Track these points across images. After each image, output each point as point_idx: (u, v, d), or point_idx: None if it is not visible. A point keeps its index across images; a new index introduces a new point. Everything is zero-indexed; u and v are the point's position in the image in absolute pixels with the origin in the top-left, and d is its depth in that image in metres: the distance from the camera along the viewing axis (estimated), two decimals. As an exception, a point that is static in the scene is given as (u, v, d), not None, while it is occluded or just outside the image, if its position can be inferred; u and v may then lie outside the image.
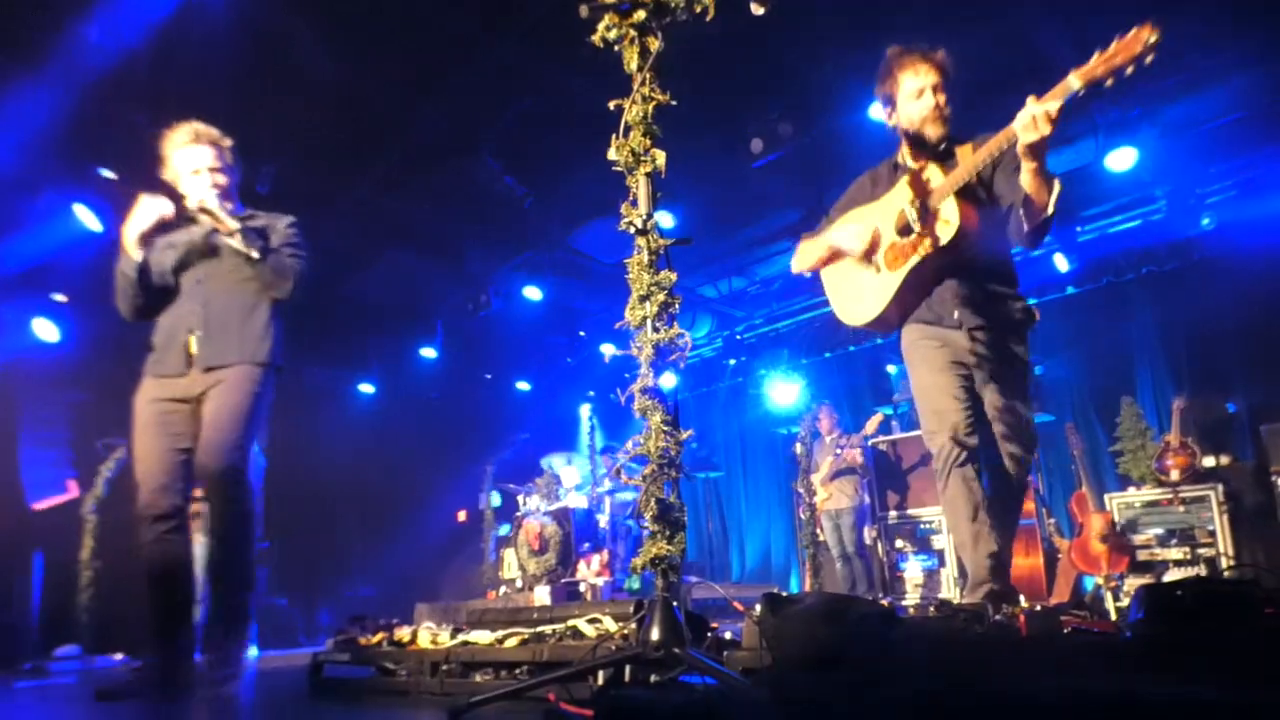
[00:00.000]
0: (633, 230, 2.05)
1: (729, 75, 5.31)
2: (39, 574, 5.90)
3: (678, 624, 1.79)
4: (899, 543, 6.45)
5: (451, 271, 8.13)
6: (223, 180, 3.02)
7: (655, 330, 1.98)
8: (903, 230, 2.64)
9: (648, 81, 2.11)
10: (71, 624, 5.53)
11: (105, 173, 5.69)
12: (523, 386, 10.49)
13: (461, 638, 2.62)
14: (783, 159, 6.07)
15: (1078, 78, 2.14)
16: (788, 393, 8.49)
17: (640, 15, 2.10)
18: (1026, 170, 2.31)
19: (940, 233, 2.51)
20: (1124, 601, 4.77)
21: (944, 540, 6.23)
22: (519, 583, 7.19)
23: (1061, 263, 6.96)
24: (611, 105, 2.12)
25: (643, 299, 2.00)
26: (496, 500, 8.48)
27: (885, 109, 2.78)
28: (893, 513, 6.58)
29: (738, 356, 9.71)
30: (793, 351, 9.16)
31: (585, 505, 7.33)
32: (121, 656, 5.10)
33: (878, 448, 6.75)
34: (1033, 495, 5.48)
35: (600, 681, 1.91)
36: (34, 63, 4.73)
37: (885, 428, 6.96)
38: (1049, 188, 2.36)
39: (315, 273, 3.20)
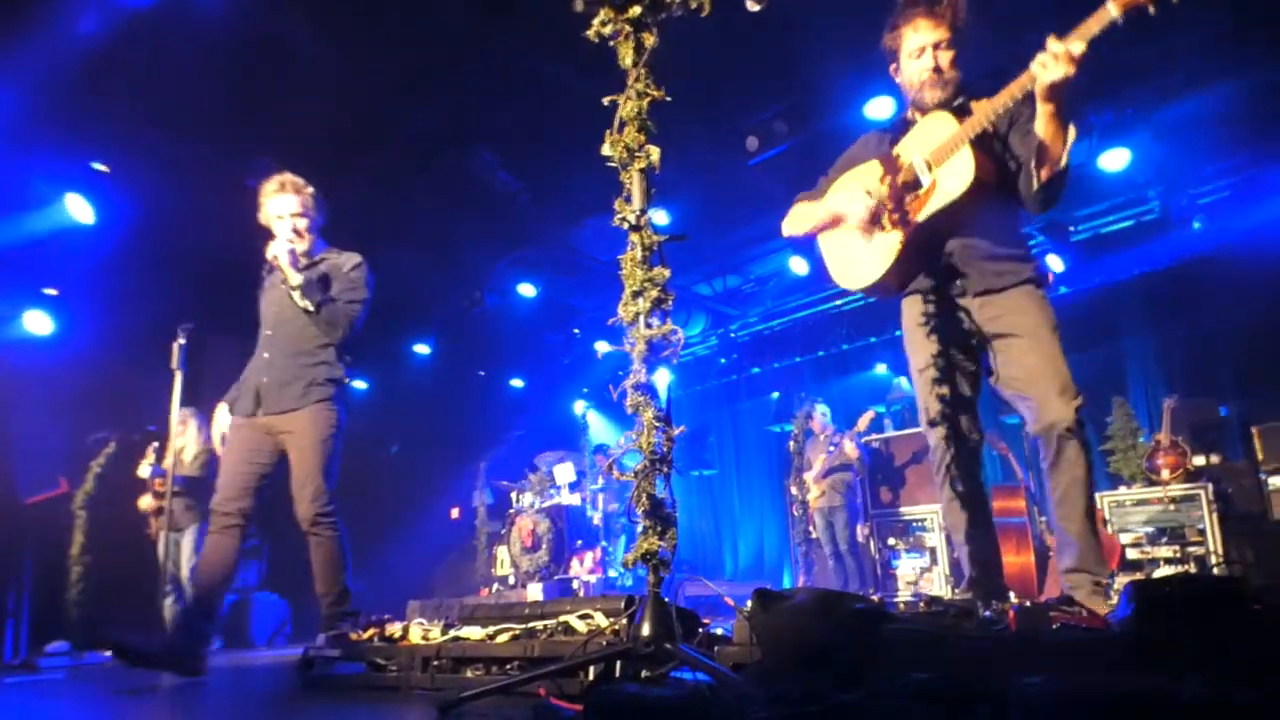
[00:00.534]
0: (626, 226, 2.05)
1: (724, 72, 5.31)
2: (29, 570, 5.87)
3: (669, 619, 1.79)
4: (891, 540, 6.47)
5: (446, 268, 8.11)
6: (302, 225, 3.44)
7: (648, 326, 1.98)
8: (909, 185, 2.49)
9: (642, 77, 2.10)
10: (61, 620, 5.51)
11: (97, 165, 5.66)
12: (516, 384, 10.49)
13: (453, 633, 2.61)
14: (778, 157, 6.06)
15: (1116, 5, 1.95)
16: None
17: (635, 10, 2.09)
18: (1042, 114, 2.16)
19: (954, 185, 2.34)
20: (1113, 599, 4.79)
21: (936, 538, 6.25)
22: (512, 579, 7.19)
23: (1055, 263, 6.98)
24: (606, 101, 2.12)
25: (636, 295, 2.00)
26: (489, 497, 8.47)
27: (890, 64, 2.62)
28: (885, 510, 6.60)
29: (731, 355, 9.72)
30: (786, 349, 9.18)
31: (578, 503, 7.33)
32: (110, 652, 5.08)
33: (870, 445, 6.77)
34: (1024, 493, 5.51)
35: (591, 677, 1.91)
36: (24, 52, 4.70)
37: (878, 425, 6.97)
38: (1064, 136, 2.20)
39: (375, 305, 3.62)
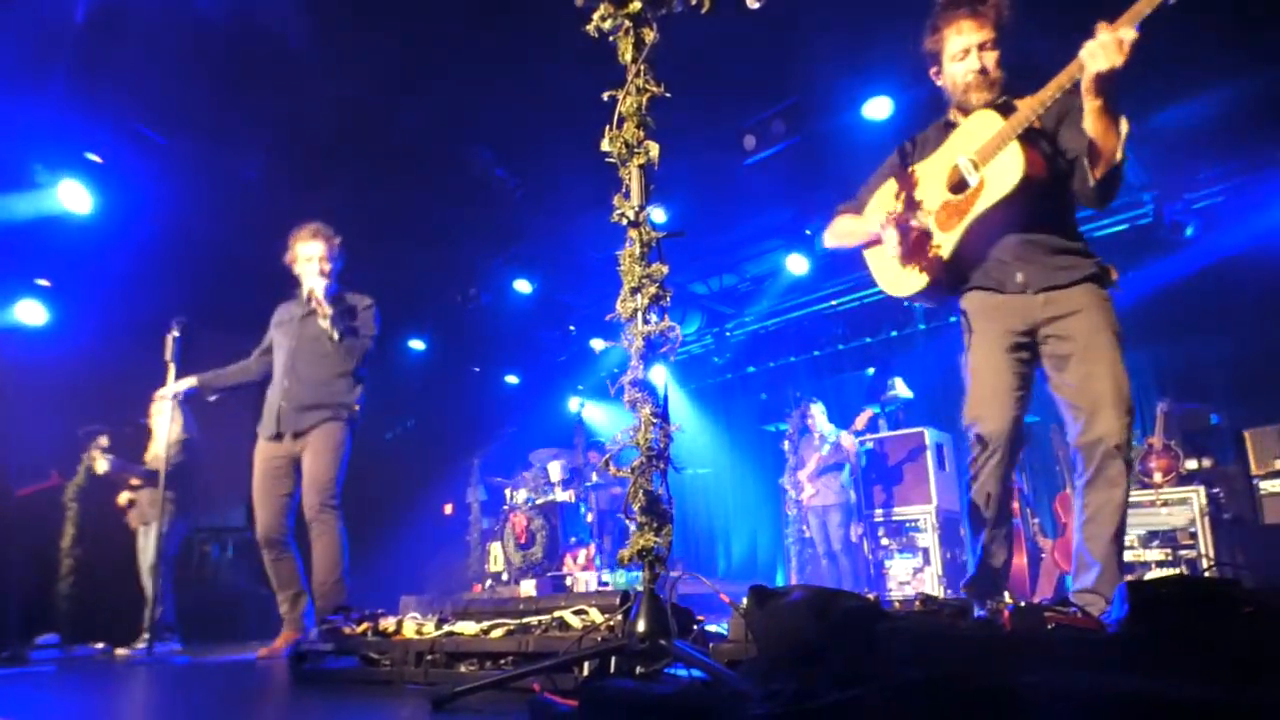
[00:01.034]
0: (625, 222, 2.05)
1: (722, 70, 5.31)
2: (19, 562, 5.84)
3: (664, 616, 1.80)
4: (884, 540, 6.48)
5: (441, 263, 8.09)
6: (327, 268, 4.00)
7: (646, 322, 1.98)
8: (956, 186, 2.45)
9: (642, 73, 2.10)
10: (51, 612, 5.48)
11: (91, 155, 5.63)
12: (511, 380, 10.47)
13: (447, 628, 2.61)
14: (775, 156, 6.07)
15: None
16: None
17: (636, 6, 2.09)
18: (1091, 110, 2.10)
19: (1003, 182, 2.30)
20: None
21: (929, 538, 6.27)
22: (505, 576, 7.19)
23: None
24: (605, 96, 2.12)
25: (634, 291, 2.00)
26: (483, 493, 8.46)
27: (931, 67, 2.57)
28: (878, 510, 6.61)
29: (726, 353, 9.72)
30: (782, 349, 9.19)
31: (572, 499, 7.33)
32: (101, 645, 5.07)
33: (865, 445, 6.78)
34: (1017, 495, 5.53)
35: (586, 672, 1.91)
36: (16, 43, 4.68)
37: (873, 425, 6.99)
38: (1117, 129, 2.13)
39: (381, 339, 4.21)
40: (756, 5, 2.32)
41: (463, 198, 6.80)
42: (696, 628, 2.11)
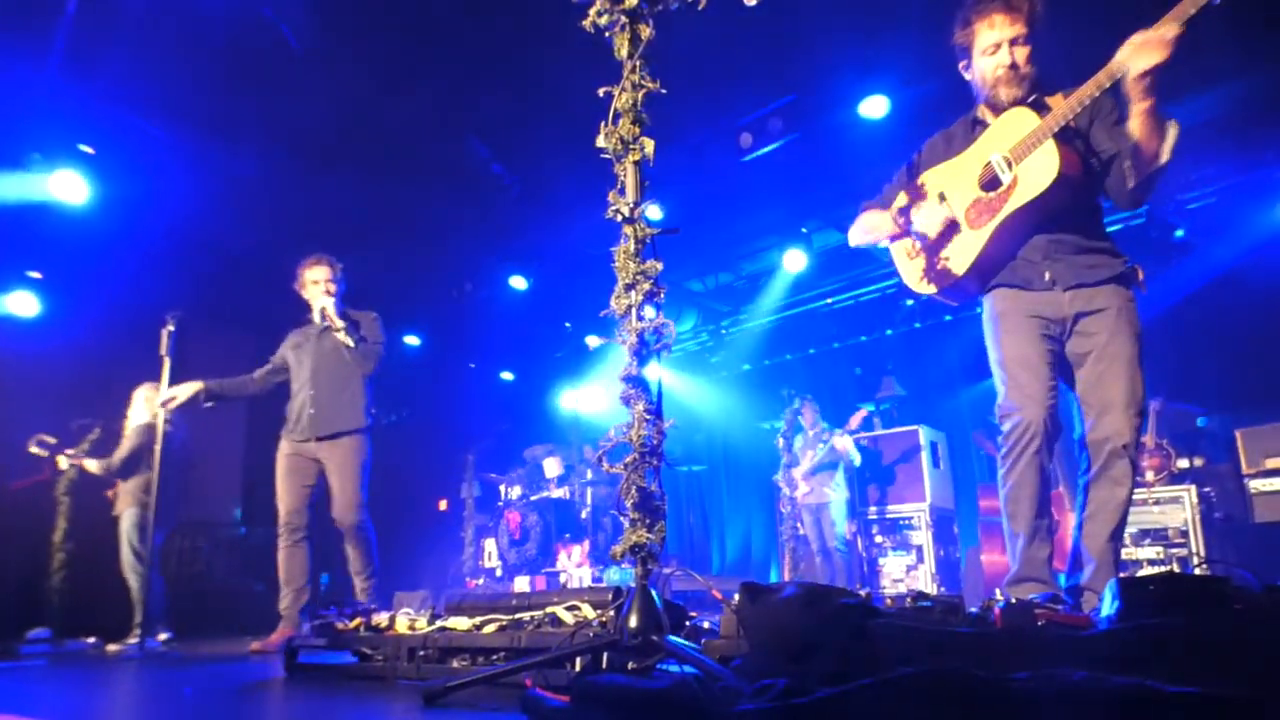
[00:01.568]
0: (620, 219, 2.04)
1: (719, 68, 5.30)
2: (10, 556, 5.82)
3: (656, 612, 1.80)
4: (878, 538, 6.50)
5: (437, 259, 8.08)
6: (333, 288, 4.37)
7: (640, 319, 1.98)
8: (988, 184, 2.43)
9: (638, 69, 2.10)
10: (42, 606, 5.46)
11: (83, 147, 5.60)
12: (506, 376, 10.46)
13: (439, 624, 2.61)
14: (772, 154, 6.07)
15: None
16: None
17: (632, 1, 2.09)
18: (1137, 111, 2.08)
19: (1037, 180, 2.27)
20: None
21: (923, 536, 6.29)
22: (499, 572, 7.19)
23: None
24: (601, 92, 2.12)
25: (628, 287, 2.00)
26: (478, 489, 8.46)
27: (961, 60, 2.54)
28: (872, 508, 6.63)
29: (722, 351, 9.73)
30: (778, 347, 9.19)
31: (567, 496, 7.33)
32: (92, 640, 5.05)
33: (860, 443, 6.80)
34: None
35: (578, 668, 1.91)
36: (10, 34, 4.66)
37: (868, 424, 7.00)
38: (1161, 132, 2.11)
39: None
40: (753, 2, 2.30)
41: (459, 193, 6.79)
42: (689, 624, 2.12)
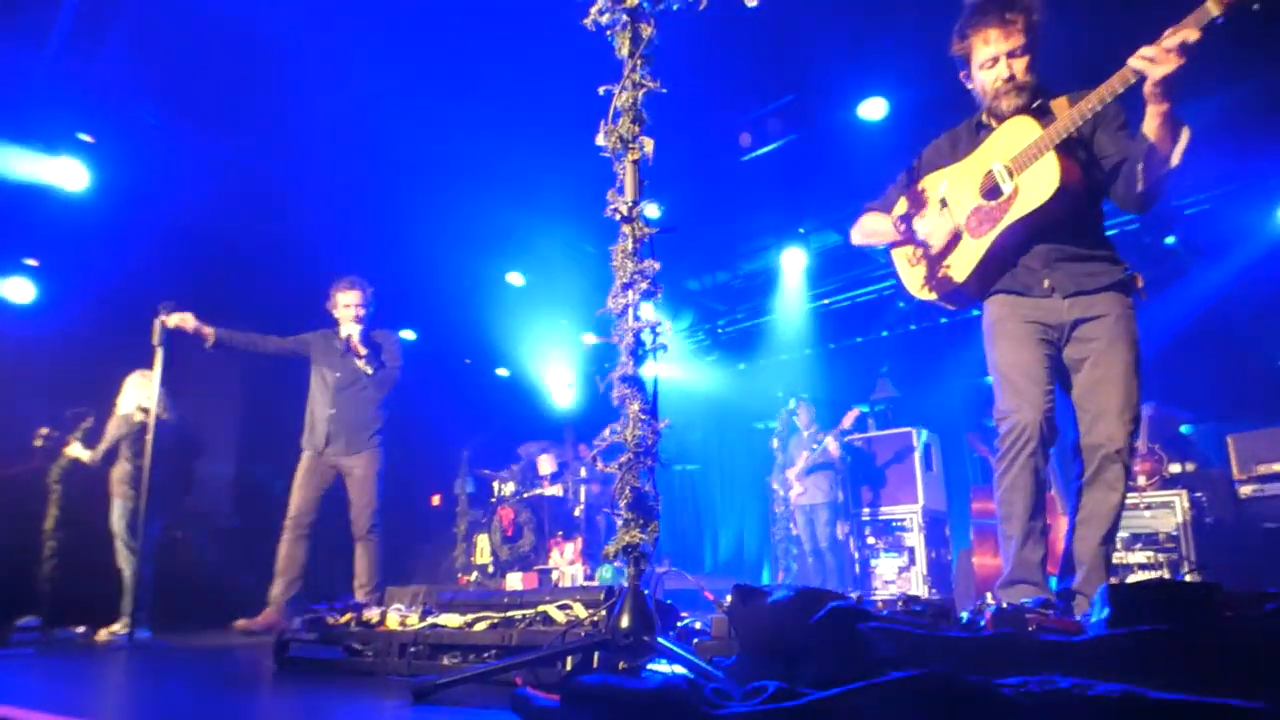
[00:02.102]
0: (618, 217, 2.04)
1: (719, 68, 5.30)
2: (1, 543, 5.80)
3: (648, 612, 1.80)
4: (870, 539, 6.51)
5: (433, 254, 8.05)
6: (362, 313, 4.69)
7: (637, 319, 1.98)
8: (989, 193, 2.43)
9: (638, 68, 2.10)
10: (32, 595, 5.44)
11: (83, 136, 5.58)
12: (502, 373, 10.45)
13: (430, 620, 2.61)
14: (770, 153, 6.07)
15: (1216, 4, 1.91)
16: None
17: (633, 1, 2.09)
18: (1154, 113, 2.08)
19: (1038, 192, 2.28)
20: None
21: (915, 538, 6.30)
22: (491, 568, 7.18)
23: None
24: (601, 90, 2.12)
25: (625, 287, 2.00)
26: (471, 486, 8.44)
27: (961, 70, 2.55)
28: (865, 509, 6.64)
29: (718, 350, 9.73)
30: (773, 347, 9.20)
31: (560, 493, 7.33)
32: (82, 629, 5.04)
33: (853, 444, 6.80)
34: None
35: (569, 667, 1.91)
36: (11, 17, 4.63)
37: (861, 424, 7.01)
38: (1176, 135, 2.11)
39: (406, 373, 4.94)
40: (754, 3, 2.30)
41: (455, 187, 6.77)
42: (681, 624, 2.12)
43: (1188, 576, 4.74)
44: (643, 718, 1.31)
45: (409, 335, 9.03)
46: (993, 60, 2.39)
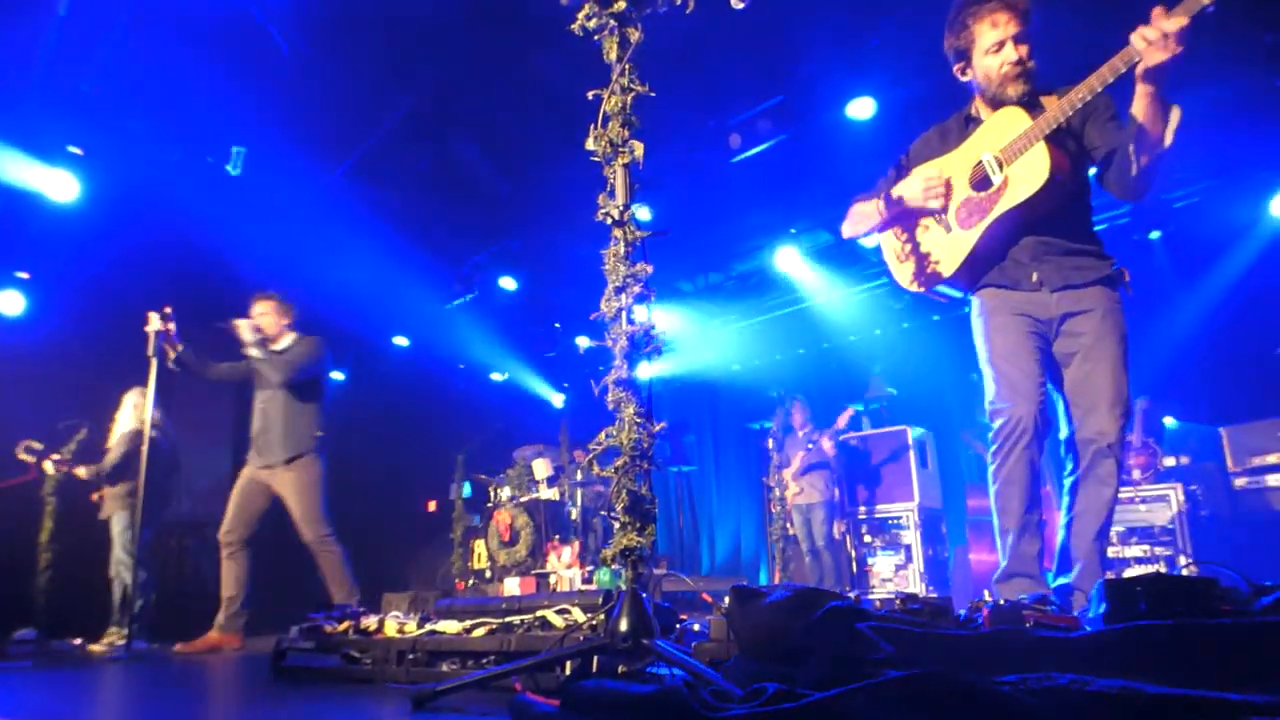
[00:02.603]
0: (609, 221, 2.04)
1: (708, 70, 5.31)
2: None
3: (646, 615, 1.80)
4: (867, 538, 6.52)
5: (426, 259, 8.05)
6: (270, 320, 4.64)
7: (630, 322, 1.98)
8: (978, 184, 2.42)
9: (627, 72, 2.10)
10: (28, 607, 5.42)
11: (72, 148, 5.56)
12: (497, 377, 10.44)
13: (429, 627, 2.60)
14: (760, 155, 6.08)
15: None
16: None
17: (620, 5, 2.09)
18: (1143, 96, 2.08)
19: (1028, 183, 2.27)
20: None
21: (911, 535, 6.31)
22: (488, 573, 7.17)
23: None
24: (590, 95, 2.12)
25: (618, 290, 2.00)
26: (467, 490, 8.43)
27: (956, 64, 2.51)
28: (861, 508, 6.65)
29: (711, 351, 9.72)
30: (768, 346, 9.21)
31: (557, 497, 7.31)
32: (79, 641, 5.02)
33: (848, 443, 6.81)
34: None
35: (568, 672, 1.91)
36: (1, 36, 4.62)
37: (856, 423, 7.02)
38: (1166, 116, 2.10)
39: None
40: (741, 5, 2.30)
41: (448, 192, 6.77)
42: (679, 627, 2.12)
43: (1184, 571, 4.76)
44: (642, 722, 1.31)
45: (402, 341, 9.03)
46: (999, 45, 2.37)
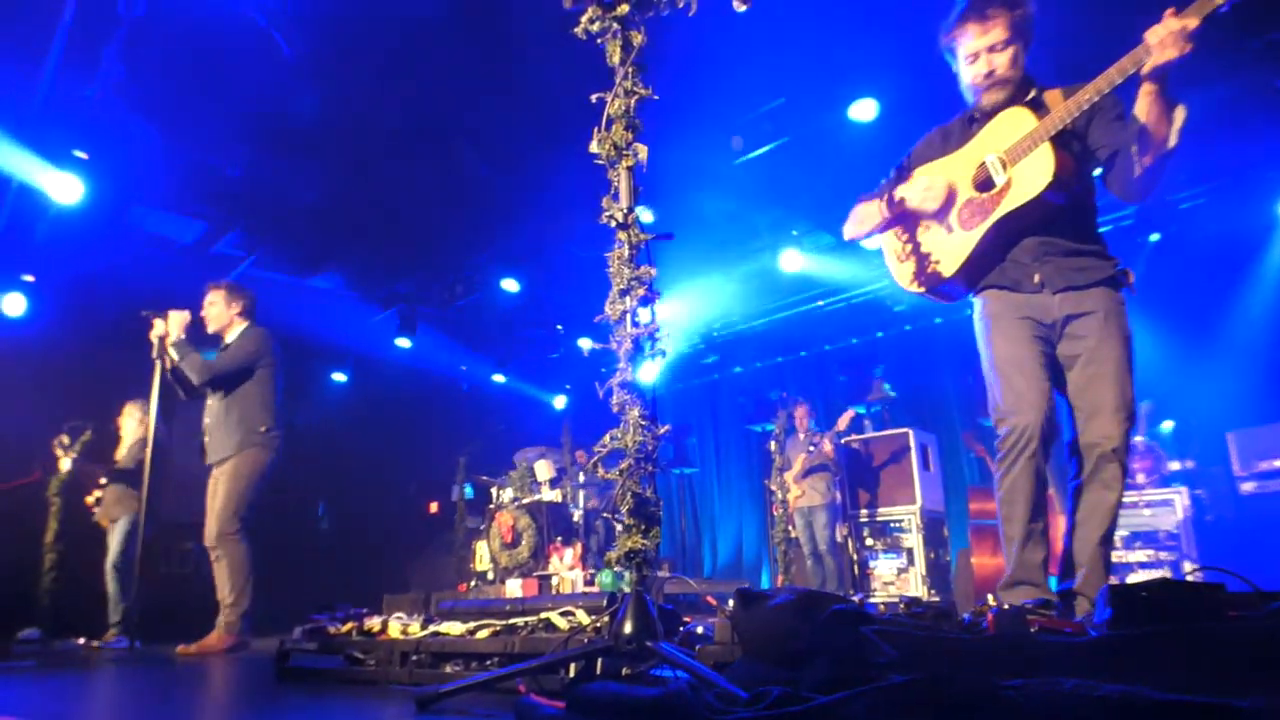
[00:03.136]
0: (614, 224, 2.04)
1: (711, 72, 5.31)
2: (1, 556, 5.78)
3: (650, 618, 1.79)
4: (869, 540, 6.51)
5: (427, 261, 8.06)
6: (215, 311, 4.56)
7: (635, 324, 1.98)
8: (981, 184, 2.41)
9: (630, 75, 2.10)
10: (33, 607, 5.43)
11: (77, 153, 5.57)
12: (499, 379, 10.45)
13: (432, 628, 2.60)
14: (763, 157, 6.08)
15: None
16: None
17: (623, 8, 2.09)
18: (1146, 95, 2.07)
19: (1032, 184, 2.26)
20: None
21: (913, 539, 6.30)
22: (491, 575, 7.17)
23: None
24: (594, 98, 2.12)
25: (623, 293, 2.00)
26: (469, 492, 8.43)
27: (951, 62, 2.54)
28: (863, 511, 6.64)
29: (714, 354, 9.73)
30: (769, 349, 9.21)
31: (559, 499, 7.32)
32: (83, 640, 5.03)
33: (849, 445, 6.80)
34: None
35: (572, 674, 1.91)
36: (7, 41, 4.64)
37: (857, 426, 7.01)
38: (1170, 115, 2.09)
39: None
40: (744, 8, 2.30)
41: (450, 195, 6.77)
42: (683, 629, 2.12)
43: (1189, 576, 4.74)
44: (647, 725, 1.31)
45: (404, 343, 9.04)
46: (973, 56, 2.40)
